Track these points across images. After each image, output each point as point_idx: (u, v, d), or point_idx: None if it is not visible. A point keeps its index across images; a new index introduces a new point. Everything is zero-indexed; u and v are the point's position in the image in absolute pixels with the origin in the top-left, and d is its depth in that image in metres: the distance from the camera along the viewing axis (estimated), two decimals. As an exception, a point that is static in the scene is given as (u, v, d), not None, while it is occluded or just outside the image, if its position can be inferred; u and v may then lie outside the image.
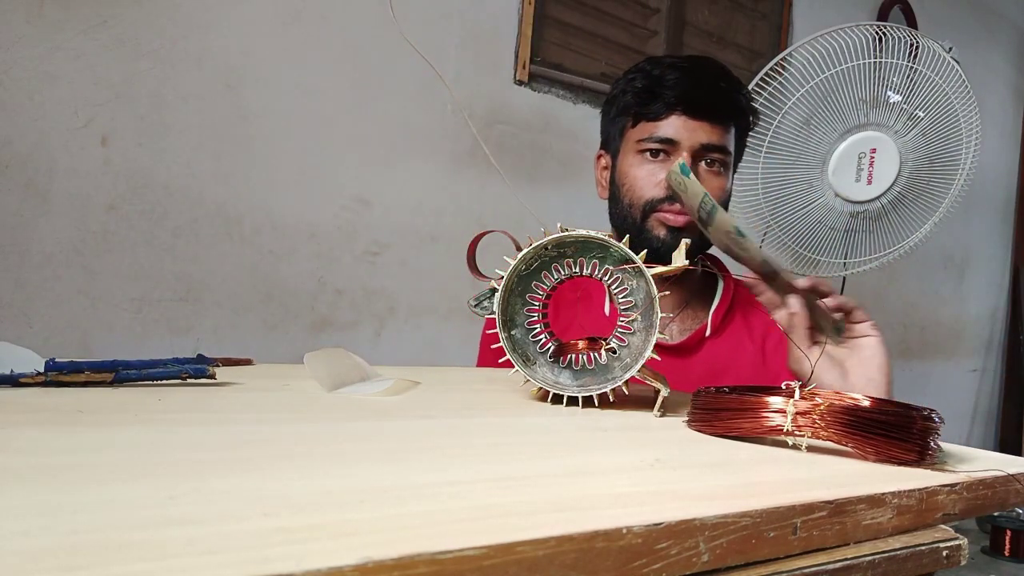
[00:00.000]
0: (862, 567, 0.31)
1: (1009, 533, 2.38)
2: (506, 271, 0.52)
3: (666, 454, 0.36)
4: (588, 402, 0.50)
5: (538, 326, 0.53)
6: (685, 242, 0.54)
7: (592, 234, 0.52)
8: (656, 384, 0.51)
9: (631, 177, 0.87)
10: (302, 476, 0.28)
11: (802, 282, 0.65)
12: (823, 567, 0.29)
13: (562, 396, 0.51)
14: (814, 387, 0.44)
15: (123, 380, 0.47)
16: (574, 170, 1.87)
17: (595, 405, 0.50)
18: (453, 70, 1.71)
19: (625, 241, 0.52)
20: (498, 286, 0.52)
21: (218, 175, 1.41)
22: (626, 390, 0.51)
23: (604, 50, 1.96)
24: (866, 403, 0.43)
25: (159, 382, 0.48)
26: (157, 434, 0.34)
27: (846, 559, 0.30)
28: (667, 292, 0.52)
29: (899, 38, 0.80)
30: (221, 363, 0.58)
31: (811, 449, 0.40)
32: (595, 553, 0.23)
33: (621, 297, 0.52)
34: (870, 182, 0.82)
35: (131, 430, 0.34)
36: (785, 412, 0.39)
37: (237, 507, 0.23)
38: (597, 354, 0.52)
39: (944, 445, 0.42)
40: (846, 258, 1.06)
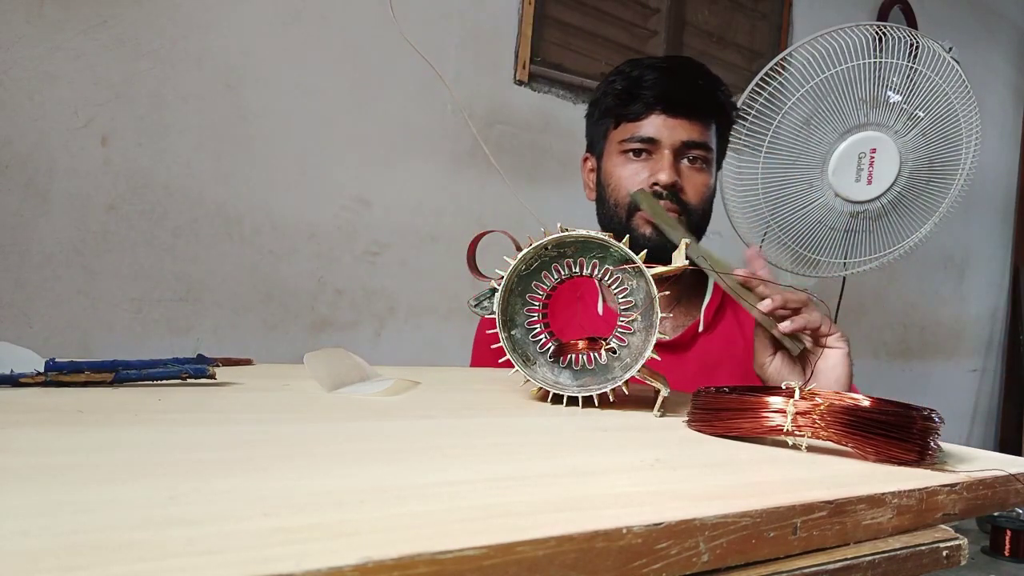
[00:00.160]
0: (862, 567, 0.31)
1: (1009, 533, 2.38)
2: (506, 271, 0.52)
3: (666, 454, 0.36)
4: (588, 402, 0.50)
5: (538, 326, 0.53)
6: (685, 242, 0.55)
7: (592, 234, 0.52)
8: (656, 384, 0.51)
9: (615, 177, 0.89)
10: (302, 476, 0.28)
11: (765, 305, 0.67)
12: (823, 567, 0.29)
13: (562, 396, 0.51)
14: (814, 387, 0.44)
15: (123, 380, 0.47)
16: (574, 170, 1.86)
17: (595, 405, 0.50)
18: (453, 70, 1.71)
19: (625, 241, 0.52)
20: (498, 286, 0.52)
21: (218, 175, 1.41)
22: (626, 390, 0.51)
23: (604, 50, 1.96)
24: (866, 403, 0.43)
25: (159, 382, 0.48)
26: (157, 434, 0.34)
27: (846, 559, 0.30)
28: (667, 292, 0.52)
29: (899, 38, 0.80)
30: (221, 363, 0.58)
31: (811, 449, 0.40)
32: (595, 553, 0.23)
33: (621, 297, 0.52)
34: (870, 182, 0.82)
35: (131, 430, 0.34)
36: (785, 412, 0.39)
37: (237, 507, 0.23)
38: (597, 354, 0.52)
39: (944, 445, 0.42)
40: (846, 258, 1.06)
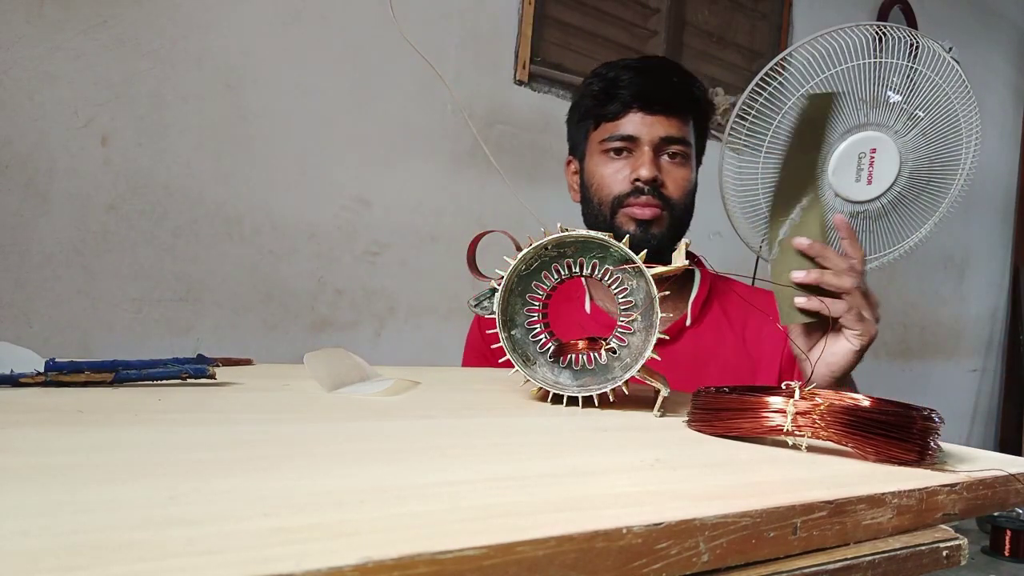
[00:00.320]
0: (862, 567, 0.31)
1: (1009, 533, 2.38)
2: (506, 271, 0.52)
3: (666, 454, 0.36)
4: (588, 402, 0.50)
5: (538, 326, 0.53)
6: (685, 242, 0.55)
7: (592, 234, 0.52)
8: (656, 384, 0.51)
9: (598, 176, 0.91)
10: (302, 476, 0.28)
11: (798, 276, 0.71)
12: (823, 567, 0.29)
13: (562, 396, 0.51)
14: (814, 387, 0.44)
15: (123, 380, 0.47)
16: (574, 170, 1.87)
17: (595, 405, 0.50)
18: (453, 70, 1.71)
19: (625, 241, 0.52)
20: (498, 286, 0.52)
21: (218, 175, 1.41)
22: (626, 390, 0.51)
23: (604, 50, 1.96)
24: (866, 403, 0.43)
25: (159, 382, 0.48)
26: (157, 434, 0.34)
27: (846, 559, 0.30)
28: (667, 292, 0.52)
29: (899, 38, 0.80)
30: (221, 363, 0.58)
31: (811, 449, 0.40)
32: (595, 553, 0.23)
33: (621, 297, 0.52)
34: (870, 182, 0.81)
35: (131, 430, 0.34)
36: (785, 412, 0.39)
37: (237, 507, 0.23)
38: (597, 354, 0.52)
39: (944, 445, 0.42)
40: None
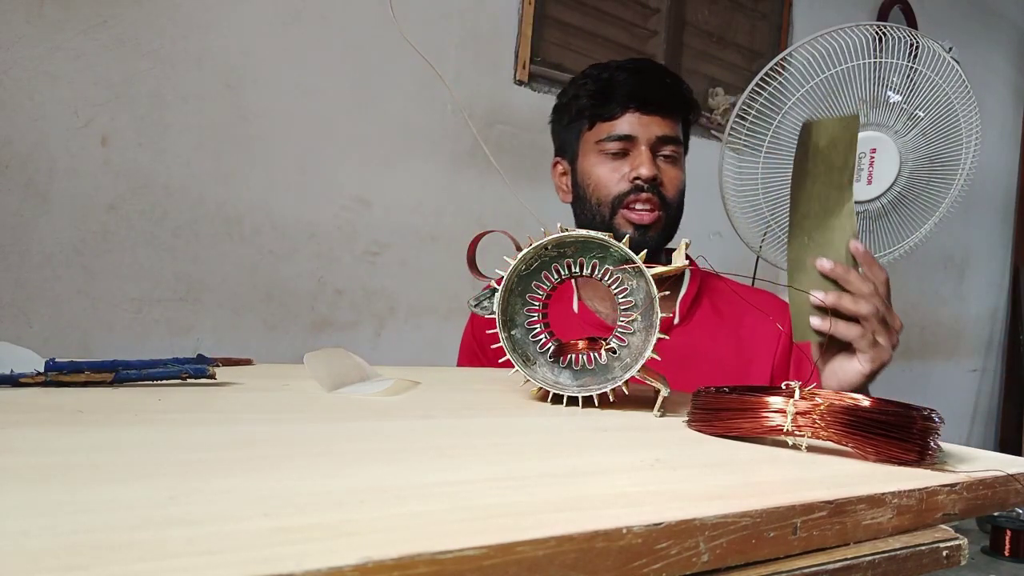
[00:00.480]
0: (862, 567, 0.31)
1: (1009, 533, 2.38)
2: (506, 271, 0.52)
3: (666, 454, 0.36)
4: (588, 402, 0.50)
5: (538, 326, 0.53)
6: (685, 242, 0.55)
7: (592, 234, 0.52)
8: (656, 384, 0.51)
9: (595, 176, 0.91)
10: (302, 476, 0.28)
11: (817, 296, 0.69)
12: (823, 567, 0.29)
13: (562, 396, 0.51)
14: (814, 386, 0.44)
15: (123, 380, 0.47)
16: (574, 170, 1.87)
17: (595, 405, 0.50)
18: (453, 70, 1.71)
19: (625, 241, 0.52)
20: (498, 286, 0.52)
21: (218, 175, 1.41)
22: (626, 390, 0.51)
23: (604, 50, 1.95)
24: (866, 403, 0.43)
25: (159, 382, 0.48)
26: (157, 434, 0.34)
27: (846, 559, 0.30)
28: (667, 292, 0.52)
29: (899, 38, 0.80)
30: (221, 363, 0.58)
31: (811, 449, 0.40)
32: (595, 553, 0.23)
33: (621, 297, 0.52)
34: (870, 182, 0.82)
35: (131, 430, 0.34)
36: (785, 412, 0.39)
37: (237, 507, 0.23)
38: (597, 354, 0.52)
39: (944, 445, 0.42)
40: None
